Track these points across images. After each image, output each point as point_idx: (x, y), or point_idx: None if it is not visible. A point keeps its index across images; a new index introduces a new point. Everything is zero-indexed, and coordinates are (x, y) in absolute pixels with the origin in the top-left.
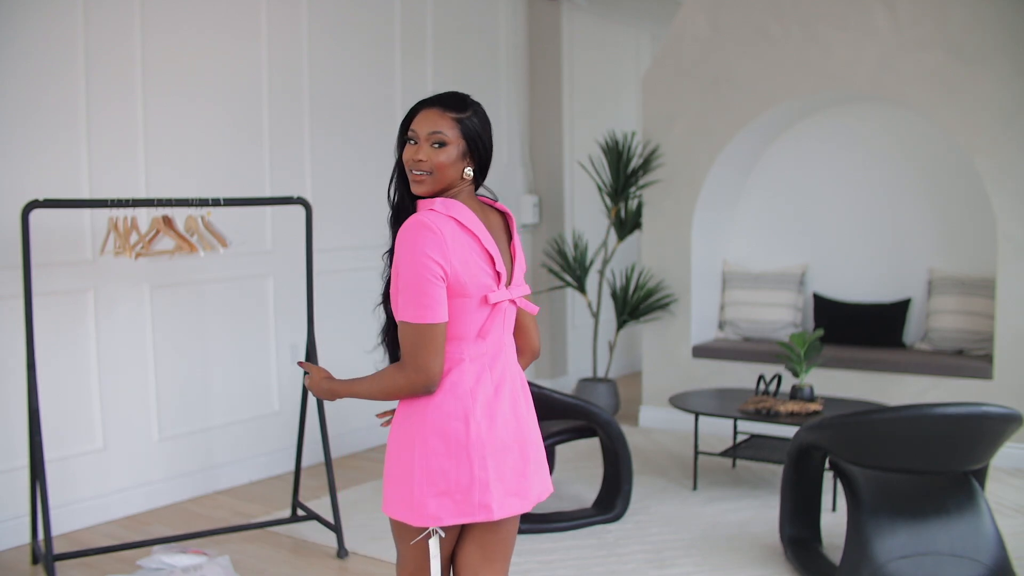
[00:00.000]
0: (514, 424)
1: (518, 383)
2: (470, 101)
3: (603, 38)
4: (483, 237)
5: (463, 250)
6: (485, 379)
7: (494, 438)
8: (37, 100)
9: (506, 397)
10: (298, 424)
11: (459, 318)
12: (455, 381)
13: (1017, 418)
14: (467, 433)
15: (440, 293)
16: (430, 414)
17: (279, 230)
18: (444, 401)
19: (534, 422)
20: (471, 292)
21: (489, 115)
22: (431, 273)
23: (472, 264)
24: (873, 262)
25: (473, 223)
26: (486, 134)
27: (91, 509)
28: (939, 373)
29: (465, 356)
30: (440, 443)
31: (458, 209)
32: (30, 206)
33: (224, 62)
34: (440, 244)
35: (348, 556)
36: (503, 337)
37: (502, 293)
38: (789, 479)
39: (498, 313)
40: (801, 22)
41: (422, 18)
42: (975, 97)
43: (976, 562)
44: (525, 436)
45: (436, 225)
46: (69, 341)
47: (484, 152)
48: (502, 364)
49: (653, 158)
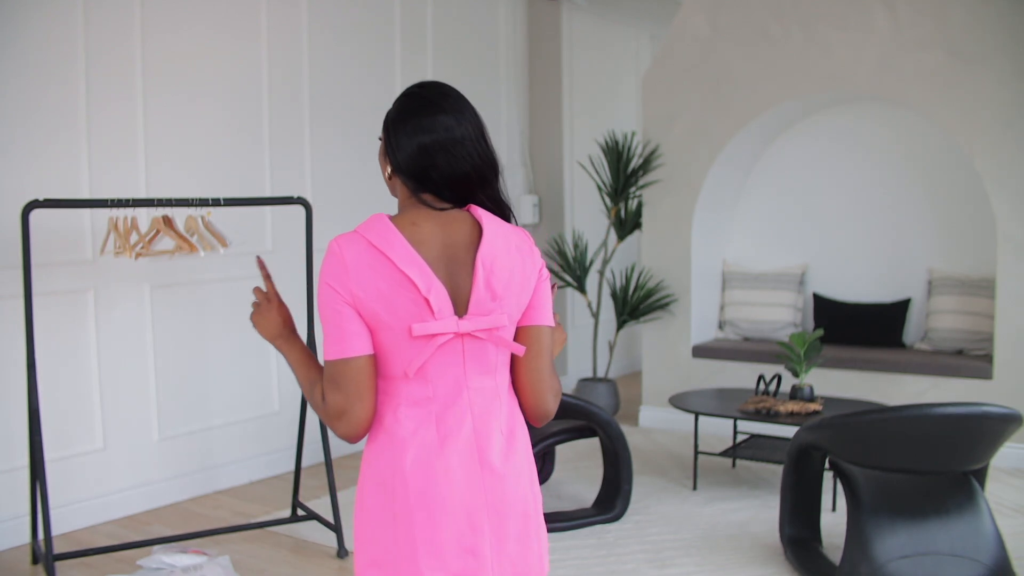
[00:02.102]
0: (466, 485)
1: (494, 438)
2: (410, 87)
3: (603, 38)
4: (399, 258)
5: (371, 274)
6: (427, 428)
7: (431, 499)
8: (37, 100)
9: (459, 451)
10: (298, 424)
11: (386, 354)
12: (389, 428)
13: (1017, 418)
14: (393, 490)
15: (349, 324)
16: (367, 465)
17: (279, 230)
18: (379, 451)
19: (519, 487)
20: (390, 323)
21: (489, 115)
22: (332, 301)
23: (387, 290)
24: (873, 262)
25: (386, 242)
26: (401, 125)
27: (91, 509)
28: (939, 373)
29: (401, 399)
30: (374, 501)
31: (375, 226)
32: (30, 206)
33: (224, 62)
34: (337, 269)
35: (348, 556)
36: (468, 380)
37: (436, 325)
38: (789, 479)
39: (450, 350)
40: (801, 22)
41: (422, 18)
42: (975, 97)
43: (976, 562)
44: (488, 502)
45: (340, 248)
46: (69, 341)
47: (397, 149)
48: (461, 412)
49: (653, 158)
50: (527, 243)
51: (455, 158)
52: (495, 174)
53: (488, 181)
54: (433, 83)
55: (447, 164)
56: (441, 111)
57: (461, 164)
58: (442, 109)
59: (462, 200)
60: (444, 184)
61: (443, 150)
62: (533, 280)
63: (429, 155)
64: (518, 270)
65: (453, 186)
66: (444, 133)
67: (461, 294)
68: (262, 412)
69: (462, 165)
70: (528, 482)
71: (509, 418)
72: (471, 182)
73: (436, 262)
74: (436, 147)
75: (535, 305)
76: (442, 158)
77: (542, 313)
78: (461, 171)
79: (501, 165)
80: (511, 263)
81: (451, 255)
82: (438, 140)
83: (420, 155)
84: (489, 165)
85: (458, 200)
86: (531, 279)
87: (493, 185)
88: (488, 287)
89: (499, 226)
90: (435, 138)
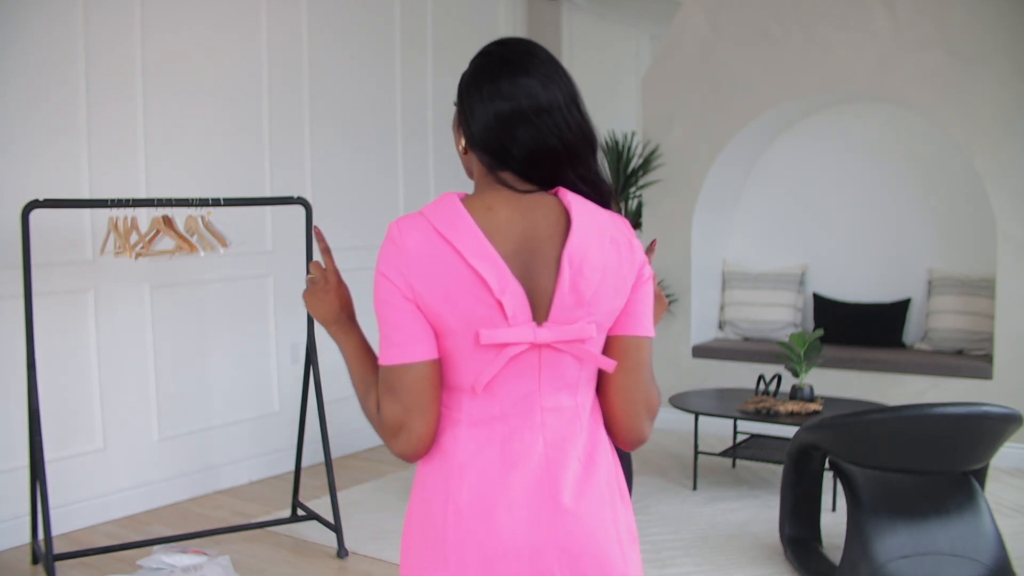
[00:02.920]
0: (532, 525)
1: (569, 467)
2: (489, 44)
3: (603, 38)
4: (469, 251)
5: (436, 268)
6: (489, 453)
7: (486, 539)
8: (37, 100)
9: (526, 483)
10: (298, 424)
11: (446, 362)
12: (445, 449)
13: (1017, 418)
14: (444, 524)
15: (409, 322)
16: (419, 489)
17: (279, 230)
18: (429, 473)
19: (598, 526)
20: (455, 327)
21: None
22: (389, 295)
23: (454, 288)
24: (873, 262)
25: (455, 230)
26: (476, 90)
27: (91, 509)
28: (939, 373)
29: (462, 416)
30: (420, 529)
31: (444, 209)
32: (30, 206)
33: (224, 62)
34: (395, 258)
35: (348, 556)
36: (542, 397)
37: (508, 333)
38: (789, 479)
39: (523, 362)
40: (801, 22)
41: (422, 18)
42: (975, 97)
43: (976, 562)
44: (560, 546)
45: (400, 232)
46: (69, 341)
47: (471, 118)
48: (531, 436)
49: (653, 158)
50: (625, 234)
51: (539, 130)
52: (591, 149)
53: (581, 158)
54: (516, 39)
55: (530, 137)
56: (524, 72)
57: (547, 137)
58: (525, 70)
59: (549, 180)
60: (527, 161)
61: (525, 120)
62: (630, 281)
63: (508, 126)
64: (612, 269)
65: (538, 163)
66: (527, 100)
67: (541, 296)
68: (262, 412)
69: (548, 138)
70: (610, 520)
71: (589, 442)
72: (559, 159)
73: (513, 256)
74: (517, 116)
75: (631, 311)
76: (524, 130)
77: (639, 321)
78: (547, 145)
79: (599, 138)
80: (604, 261)
81: (532, 248)
82: (519, 108)
83: (498, 126)
84: (583, 139)
85: (544, 180)
86: (628, 280)
87: (587, 163)
88: (574, 290)
89: (592, 215)
90: (515, 105)
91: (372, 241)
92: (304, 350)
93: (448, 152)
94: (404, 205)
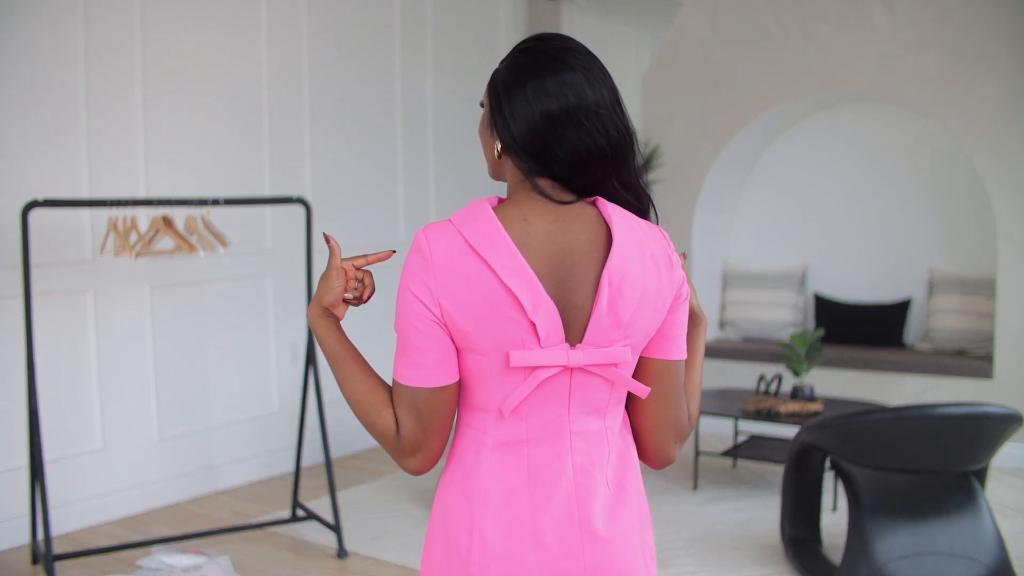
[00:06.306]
0: (560, 553)
1: (598, 492)
2: (525, 40)
3: (603, 38)
4: (502, 267)
5: (465, 284)
6: (515, 478)
7: (512, 569)
8: (37, 100)
9: (553, 510)
10: (298, 424)
11: (472, 381)
12: (469, 470)
13: (1017, 418)
14: (469, 551)
15: (435, 346)
16: (440, 510)
17: (279, 230)
18: (452, 497)
19: (628, 554)
20: (483, 346)
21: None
22: (414, 316)
23: (484, 306)
24: (873, 262)
25: (488, 243)
26: (518, 88)
27: (91, 509)
28: (939, 373)
29: (487, 439)
30: (443, 554)
31: (475, 219)
32: (30, 206)
33: (224, 62)
34: (422, 272)
35: (348, 556)
36: (571, 420)
37: (541, 355)
38: (789, 479)
39: (553, 383)
40: (801, 22)
41: (422, 18)
42: (975, 97)
43: (976, 562)
44: (591, 573)
45: (428, 243)
46: (69, 341)
47: (511, 119)
48: (559, 461)
49: (653, 158)
50: (665, 250)
51: (587, 131)
52: (632, 152)
53: (624, 161)
54: (555, 35)
55: (577, 139)
56: (569, 69)
57: (596, 139)
58: (570, 67)
59: (590, 188)
60: (571, 164)
61: (573, 121)
62: (669, 301)
63: (555, 127)
64: (652, 289)
65: (582, 167)
66: (575, 99)
67: (576, 316)
68: (262, 412)
69: (597, 140)
70: (638, 544)
71: (618, 465)
72: (605, 162)
73: (548, 273)
74: (565, 116)
75: (666, 334)
76: (571, 131)
77: (675, 344)
78: (596, 148)
79: (638, 140)
80: (645, 280)
81: (569, 264)
82: (567, 107)
83: (544, 127)
84: (628, 140)
85: (584, 188)
86: (667, 300)
87: (629, 166)
88: (612, 311)
89: (632, 228)
90: (563, 104)
91: (372, 241)
92: (304, 350)
93: (448, 152)
94: (404, 205)
